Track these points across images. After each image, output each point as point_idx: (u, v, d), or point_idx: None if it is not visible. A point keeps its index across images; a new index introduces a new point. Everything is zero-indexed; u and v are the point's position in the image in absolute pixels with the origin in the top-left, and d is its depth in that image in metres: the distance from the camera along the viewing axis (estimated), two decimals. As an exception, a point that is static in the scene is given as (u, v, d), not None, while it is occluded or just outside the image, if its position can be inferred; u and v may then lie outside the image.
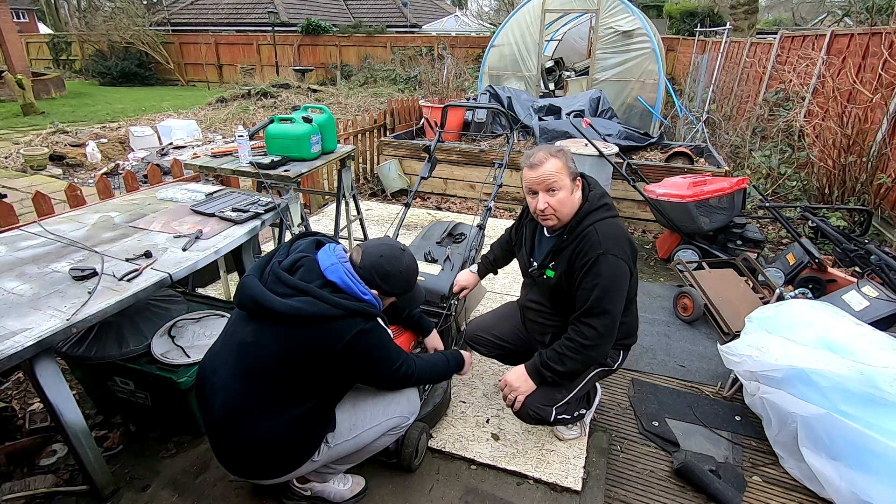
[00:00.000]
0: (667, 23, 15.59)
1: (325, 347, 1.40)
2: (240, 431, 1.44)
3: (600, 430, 2.19)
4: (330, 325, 1.40)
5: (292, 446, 1.48)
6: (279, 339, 1.41)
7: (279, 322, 1.40)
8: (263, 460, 1.47)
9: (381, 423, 1.65)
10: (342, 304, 1.41)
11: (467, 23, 23.20)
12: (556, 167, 1.70)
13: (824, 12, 16.92)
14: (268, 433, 1.43)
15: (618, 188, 4.38)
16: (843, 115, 4.31)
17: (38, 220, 2.28)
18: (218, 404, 1.46)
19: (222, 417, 1.45)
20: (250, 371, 1.44)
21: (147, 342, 2.01)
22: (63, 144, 7.31)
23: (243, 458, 1.48)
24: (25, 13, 27.68)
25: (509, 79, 7.60)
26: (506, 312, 2.26)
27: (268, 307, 1.39)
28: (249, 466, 1.50)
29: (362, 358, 1.46)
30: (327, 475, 1.74)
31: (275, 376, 1.43)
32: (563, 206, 1.73)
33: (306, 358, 1.41)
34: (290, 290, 1.42)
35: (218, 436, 1.48)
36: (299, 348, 1.41)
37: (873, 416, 1.69)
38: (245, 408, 1.44)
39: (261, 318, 1.43)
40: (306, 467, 1.56)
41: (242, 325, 1.49)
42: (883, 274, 2.78)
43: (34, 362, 1.48)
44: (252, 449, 1.45)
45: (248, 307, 1.45)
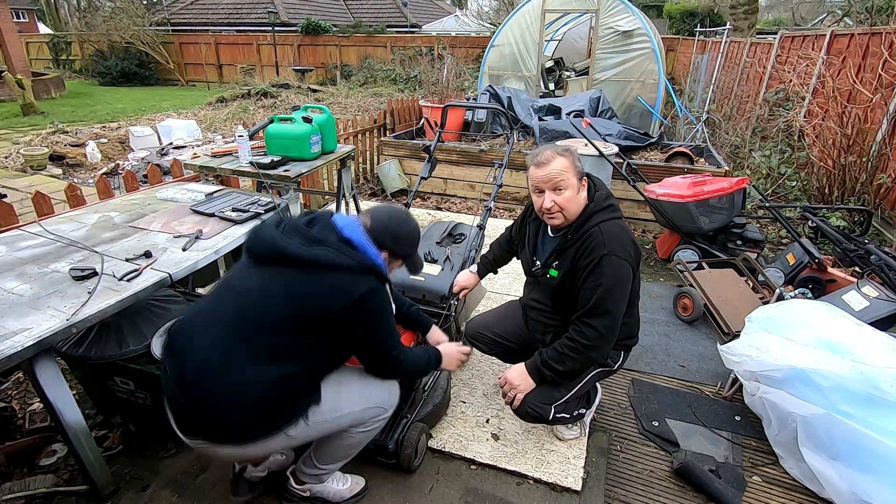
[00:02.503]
0: (667, 23, 15.59)
1: (335, 300, 1.37)
2: (219, 379, 1.34)
3: (600, 430, 2.19)
4: (344, 277, 1.38)
5: (272, 406, 1.39)
6: (288, 287, 1.37)
7: (292, 270, 1.37)
8: (238, 414, 1.36)
9: (362, 410, 1.58)
10: (359, 258, 1.41)
11: (467, 23, 23.20)
12: (563, 166, 1.71)
13: (824, 12, 16.92)
14: (251, 384, 1.35)
15: (618, 188, 4.38)
16: (843, 115, 4.31)
17: (38, 220, 2.28)
18: (202, 352, 1.37)
19: (203, 366, 1.35)
20: (247, 319, 1.38)
21: (147, 342, 2.00)
22: (63, 144, 7.31)
23: (214, 411, 1.34)
24: (25, 13, 27.69)
25: (509, 79, 7.60)
26: (507, 311, 2.26)
27: (284, 251, 1.36)
28: (219, 421, 1.36)
29: (366, 321, 1.42)
30: (321, 475, 1.71)
31: (273, 327, 1.37)
32: (569, 204, 1.74)
33: (312, 310, 1.37)
34: (308, 240, 1.40)
35: (190, 386, 1.35)
36: (308, 297, 1.37)
37: (873, 416, 1.69)
38: (234, 355, 1.35)
39: (272, 264, 1.40)
40: (279, 440, 1.44)
41: (247, 273, 1.45)
42: (883, 274, 2.78)
43: (34, 362, 1.48)
44: (229, 399, 1.34)
45: (260, 252, 1.42)
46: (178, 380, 1.37)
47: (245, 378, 1.35)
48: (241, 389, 1.35)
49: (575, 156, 1.76)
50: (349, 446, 1.65)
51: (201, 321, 1.44)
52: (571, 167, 1.72)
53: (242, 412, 1.36)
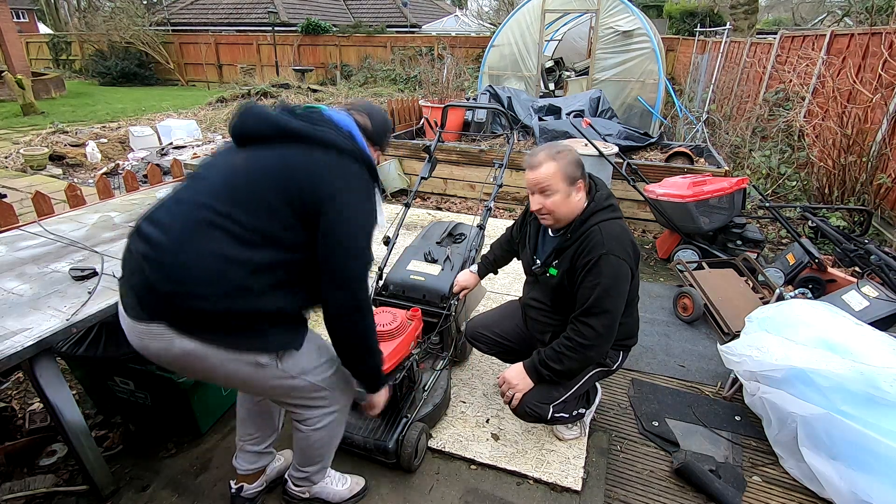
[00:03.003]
0: (667, 23, 15.59)
1: (330, 177, 1.31)
2: (193, 252, 1.22)
3: (600, 430, 2.19)
4: (344, 159, 1.35)
5: (246, 304, 1.26)
6: (285, 159, 1.31)
7: (290, 146, 1.32)
8: (209, 294, 1.22)
9: (316, 384, 1.49)
10: (359, 149, 1.39)
11: (467, 23, 23.21)
12: (551, 171, 1.71)
13: (824, 12, 16.92)
14: (226, 265, 1.23)
15: (618, 188, 4.38)
16: (843, 115, 4.31)
17: (38, 220, 2.28)
18: (177, 226, 1.25)
19: (178, 237, 1.23)
20: (234, 194, 1.27)
21: (147, 342, 2.01)
22: (63, 144, 7.31)
23: (184, 285, 1.21)
24: (25, 13, 27.70)
25: (509, 79, 7.60)
26: (507, 310, 2.26)
27: (287, 126, 1.31)
28: (188, 295, 1.21)
29: (348, 205, 1.32)
30: (308, 476, 1.69)
31: (259, 203, 1.27)
32: (557, 208, 1.75)
33: (304, 185, 1.28)
34: (310, 122, 1.35)
35: (161, 257, 1.22)
36: (304, 172, 1.30)
37: (873, 416, 1.69)
38: (211, 231, 1.23)
39: (266, 143, 1.33)
40: (245, 367, 1.31)
41: (233, 154, 1.37)
42: (883, 274, 2.78)
43: (34, 362, 1.48)
44: (202, 276, 1.21)
45: (257, 129, 1.34)
46: (147, 254, 1.24)
47: (222, 254, 1.23)
48: (216, 269, 1.22)
49: (569, 160, 1.73)
50: (310, 446, 1.61)
51: (179, 199, 1.32)
52: (559, 173, 1.71)
53: (214, 298, 1.22)
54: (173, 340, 1.24)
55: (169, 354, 1.28)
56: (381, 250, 3.73)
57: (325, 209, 1.29)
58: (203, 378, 1.46)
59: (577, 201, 1.78)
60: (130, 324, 1.28)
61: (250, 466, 1.74)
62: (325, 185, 1.30)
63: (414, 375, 2.03)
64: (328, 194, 1.29)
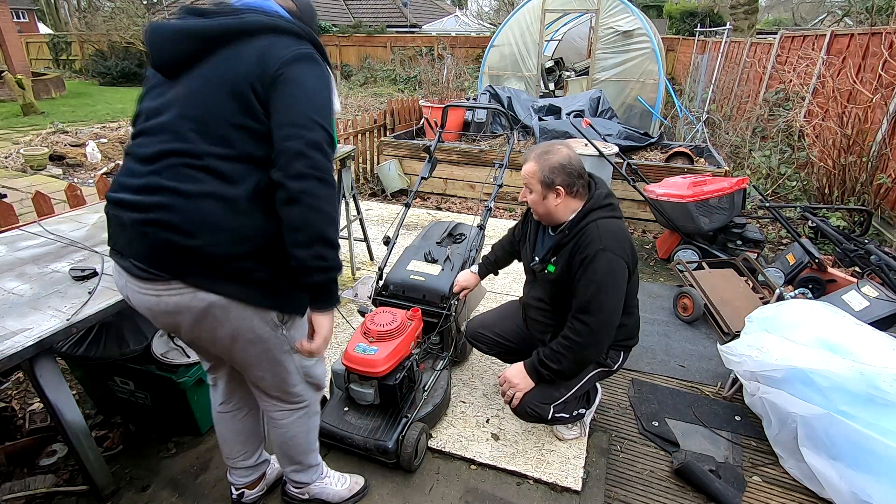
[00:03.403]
0: (667, 23, 15.59)
1: (271, 58, 1.15)
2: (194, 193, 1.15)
3: (600, 430, 2.19)
4: (278, 36, 1.18)
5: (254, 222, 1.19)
6: (218, 69, 1.17)
7: (215, 52, 1.17)
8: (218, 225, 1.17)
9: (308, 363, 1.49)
10: (298, 24, 1.22)
11: (467, 23, 23.22)
12: (528, 171, 1.79)
13: (824, 12, 16.93)
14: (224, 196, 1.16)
15: (618, 188, 4.38)
16: (843, 115, 4.31)
17: (38, 220, 2.28)
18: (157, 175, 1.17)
19: (170, 191, 1.16)
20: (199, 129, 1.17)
21: (147, 342, 2.01)
22: (63, 144, 7.31)
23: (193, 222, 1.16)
24: (25, 13, 27.68)
25: (509, 79, 7.60)
26: (507, 311, 2.26)
27: (198, 34, 1.16)
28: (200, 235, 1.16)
29: (299, 76, 1.16)
30: (298, 470, 1.68)
31: (225, 126, 1.16)
32: (535, 205, 1.82)
33: (254, 76, 1.14)
34: (233, 14, 1.19)
35: (163, 217, 1.16)
36: (246, 68, 1.15)
37: (873, 416, 1.69)
38: (201, 172, 1.16)
39: (193, 61, 1.18)
40: (254, 316, 1.26)
41: (169, 89, 1.21)
42: (883, 274, 2.78)
43: (34, 362, 1.48)
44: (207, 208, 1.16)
45: (172, 54, 1.19)
46: (145, 219, 1.17)
47: (215, 193, 1.16)
48: (216, 211, 1.16)
49: (550, 164, 1.73)
50: (285, 443, 1.59)
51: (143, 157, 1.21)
52: (537, 174, 1.75)
53: (224, 243, 1.17)
54: (192, 295, 1.19)
55: (184, 313, 1.22)
56: (381, 250, 3.74)
57: (274, 88, 1.15)
58: (207, 341, 1.33)
59: (556, 206, 1.78)
60: (140, 287, 1.22)
61: (246, 480, 1.73)
62: (269, 67, 1.15)
63: (414, 375, 2.03)
64: (274, 74, 1.15)
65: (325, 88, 1.22)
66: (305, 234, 1.17)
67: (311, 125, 1.15)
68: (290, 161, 1.14)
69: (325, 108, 1.20)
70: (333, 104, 1.25)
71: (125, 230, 1.23)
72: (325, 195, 1.17)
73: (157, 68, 1.24)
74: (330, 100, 1.23)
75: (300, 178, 1.14)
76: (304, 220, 1.16)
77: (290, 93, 1.16)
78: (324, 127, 1.17)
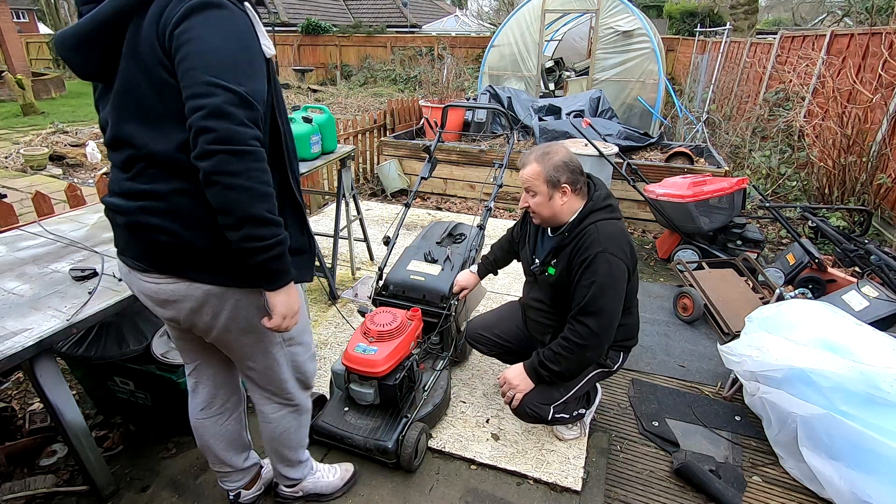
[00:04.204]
0: (667, 23, 15.59)
1: (164, 23, 1.02)
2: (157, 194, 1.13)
3: (600, 430, 2.19)
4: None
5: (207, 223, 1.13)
6: (130, 61, 1.07)
7: (119, 41, 1.07)
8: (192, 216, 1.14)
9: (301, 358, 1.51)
10: None
11: (467, 23, 23.22)
12: (533, 173, 1.76)
13: (824, 12, 16.93)
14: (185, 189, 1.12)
15: (618, 188, 4.38)
16: (843, 115, 4.31)
17: (38, 220, 2.28)
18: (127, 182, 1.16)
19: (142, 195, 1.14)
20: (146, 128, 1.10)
21: (147, 342, 2.01)
22: (63, 144, 7.31)
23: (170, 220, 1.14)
24: (25, 13, 27.68)
25: (509, 79, 7.60)
26: (507, 311, 2.26)
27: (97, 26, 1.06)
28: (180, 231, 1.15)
29: (191, 42, 1.00)
30: (287, 468, 1.68)
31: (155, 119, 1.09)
32: (539, 209, 1.80)
33: (157, 55, 1.04)
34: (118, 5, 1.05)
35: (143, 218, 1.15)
36: (144, 39, 1.04)
37: (873, 416, 1.69)
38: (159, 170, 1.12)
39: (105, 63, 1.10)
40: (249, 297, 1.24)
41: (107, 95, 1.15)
42: (883, 274, 2.78)
43: (34, 362, 1.48)
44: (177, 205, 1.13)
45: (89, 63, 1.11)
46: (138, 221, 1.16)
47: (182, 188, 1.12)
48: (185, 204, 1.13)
49: (553, 163, 1.74)
50: (275, 439, 1.59)
51: (114, 165, 1.21)
52: (542, 174, 1.74)
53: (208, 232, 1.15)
54: (188, 284, 1.20)
55: (182, 301, 1.22)
56: (381, 250, 3.74)
57: (174, 57, 1.02)
58: (203, 329, 1.31)
59: (562, 205, 1.78)
60: (140, 276, 1.24)
61: (239, 484, 1.72)
62: (164, 35, 1.02)
63: (414, 375, 2.03)
64: (169, 42, 1.02)
65: (229, 40, 1.03)
66: (231, 216, 1.05)
67: (207, 90, 0.99)
68: (195, 138, 1.00)
69: (228, 63, 1.02)
70: (251, 52, 1.08)
71: (120, 231, 1.25)
72: (242, 169, 1.02)
73: (84, 79, 1.16)
74: (239, 51, 1.05)
75: (207, 156, 1.00)
76: (223, 201, 1.04)
77: (184, 58, 1.01)
78: (227, 87, 1.00)
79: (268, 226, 1.08)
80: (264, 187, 1.07)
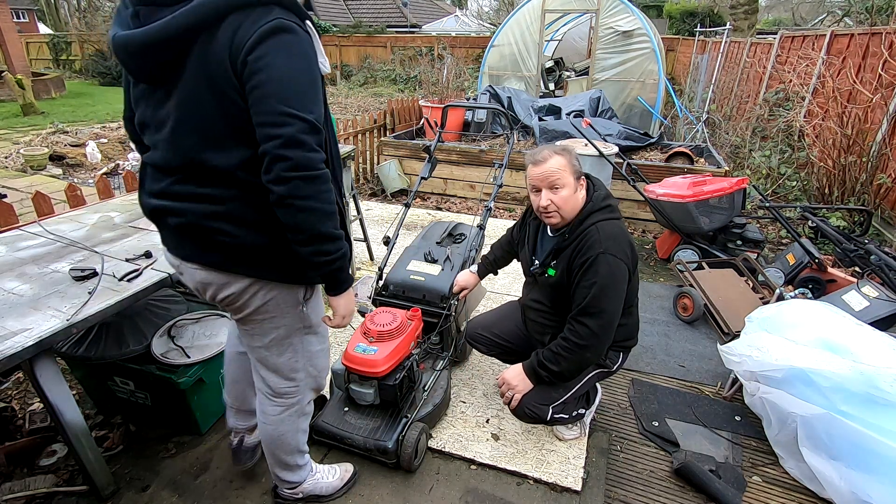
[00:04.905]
0: (667, 23, 15.59)
1: (238, 46, 1.07)
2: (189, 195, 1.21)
3: (600, 430, 2.19)
4: (243, 12, 1.08)
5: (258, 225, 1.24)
6: (197, 72, 1.11)
7: (187, 54, 1.11)
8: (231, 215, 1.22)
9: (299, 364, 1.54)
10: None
11: (467, 23, 23.22)
12: (560, 164, 1.72)
13: (824, 12, 16.92)
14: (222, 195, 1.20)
15: (618, 188, 4.38)
16: (843, 115, 4.31)
17: (38, 220, 2.28)
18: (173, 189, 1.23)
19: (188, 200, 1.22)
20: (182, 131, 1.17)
21: (147, 342, 2.01)
22: (63, 144, 7.31)
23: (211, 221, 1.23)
24: (25, 13, 27.66)
25: (509, 79, 7.60)
26: (506, 311, 2.26)
27: (170, 33, 1.08)
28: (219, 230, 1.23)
29: (266, 69, 1.07)
30: (286, 472, 1.69)
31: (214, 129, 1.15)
32: (566, 203, 1.74)
33: (228, 74, 1.09)
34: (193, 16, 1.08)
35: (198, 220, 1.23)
36: (214, 58, 1.09)
37: (873, 416, 1.69)
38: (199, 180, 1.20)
39: (174, 65, 1.13)
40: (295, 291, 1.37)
41: (162, 95, 1.18)
42: (883, 274, 2.78)
43: (34, 362, 1.48)
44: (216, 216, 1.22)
45: (148, 64, 1.15)
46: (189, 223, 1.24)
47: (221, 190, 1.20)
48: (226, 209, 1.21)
49: (573, 155, 1.77)
50: (273, 440, 1.60)
51: (153, 165, 1.27)
52: (568, 166, 1.73)
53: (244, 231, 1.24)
54: (228, 276, 1.30)
55: (220, 286, 1.32)
56: (381, 250, 3.74)
57: (247, 80, 1.09)
58: (234, 310, 1.41)
59: (581, 198, 1.79)
60: (187, 265, 1.33)
61: (247, 424, 1.78)
62: (238, 55, 1.08)
63: (414, 375, 2.03)
64: (242, 64, 1.08)
65: (299, 67, 1.11)
66: (303, 234, 1.17)
67: (283, 121, 1.08)
68: (270, 165, 1.11)
69: (299, 92, 1.11)
70: (315, 76, 1.15)
71: (161, 228, 1.34)
72: (313, 192, 1.13)
73: (139, 82, 1.22)
74: (307, 78, 1.13)
75: (282, 182, 1.11)
76: (295, 221, 1.15)
77: (259, 85, 1.08)
78: (299, 117, 1.09)
79: (333, 241, 1.21)
80: (331, 206, 1.19)
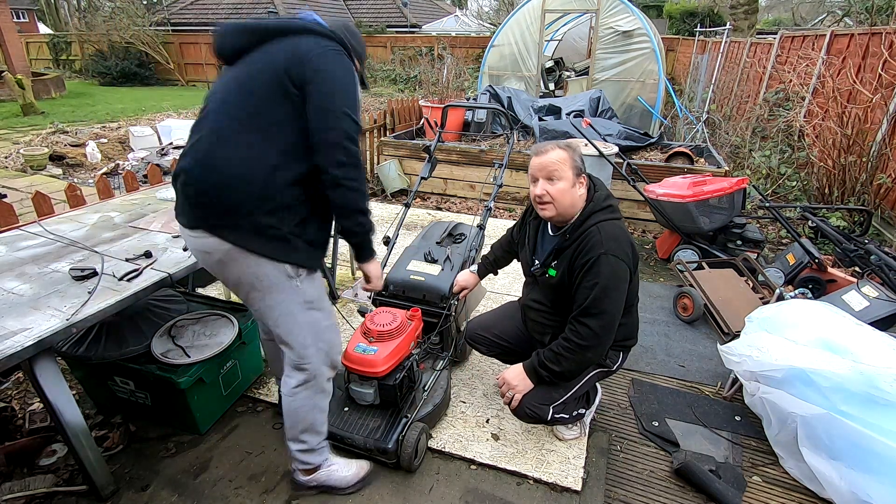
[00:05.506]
0: (667, 23, 15.59)
1: (309, 52, 1.40)
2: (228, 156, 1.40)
3: (600, 430, 2.19)
4: (320, 39, 1.44)
5: (271, 196, 1.42)
6: (268, 54, 1.43)
7: (269, 44, 1.44)
8: (239, 188, 1.40)
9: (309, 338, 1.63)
10: (325, 26, 1.49)
11: (467, 23, 23.20)
12: (560, 157, 1.73)
13: (824, 12, 16.92)
14: (245, 159, 1.39)
15: (618, 188, 4.38)
16: (843, 115, 4.31)
17: (38, 220, 2.28)
18: (205, 140, 1.43)
19: (210, 147, 1.41)
20: (238, 101, 1.43)
21: (147, 342, 2.01)
22: (63, 144, 7.31)
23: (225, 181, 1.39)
24: (25, 13, 27.67)
25: (509, 79, 7.60)
26: (506, 311, 2.26)
27: (254, 27, 1.44)
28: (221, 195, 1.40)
29: (329, 77, 1.41)
30: (303, 450, 1.72)
31: (256, 98, 1.41)
32: (561, 196, 1.74)
33: (292, 63, 1.39)
34: (280, 19, 1.48)
35: (199, 173, 1.41)
36: (283, 56, 1.41)
37: (873, 416, 1.69)
38: (228, 133, 1.41)
39: (247, 50, 1.46)
40: (271, 267, 1.47)
41: (227, 72, 1.49)
42: (883, 274, 2.78)
43: (34, 362, 1.48)
44: (231, 171, 1.39)
45: (231, 42, 1.47)
46: (190, 174, 1.42)
47: (239, 153, 1.39)
48: (239, 162, 1.39)
49: (576, 152, 1.77)
50: (294, 413, 1.67)
51: (200, 127, 1.47)
52: (569, 160, 1.73)
53: (242, 191, 1.39)
54: (217, 240, 1.43)
55: (213, 253, 1.46)
56: (381, 250, 3.73)
57: (310, 78, 1.39)
58: (233, 284, 1.57)
59: (579, 196, 1.78)
60: (187, 232, 1.49)
61: None
62: (308, 60, 1.39)
63: (414, 375, 2.03)
64: (312, 68, 1.39)
65: (353, 82, 1.46)
66: (348, 210, 1.48)
67: (345, 118, 1.40)
68: (330, 151, 1.40)
69: (355, 100, 1.45)
70: (356, 90, 1.50)
71: (177, 192, 1.49)
72: (360, 177, 1.46)
73: (217, 55, 1.51)
74: (354, 89, 1.47)
75: (341, 166, 1.40)
76: (345, 199, 1.45)
77: (325, 83, 1.40)
78: (351, 117, 1.41)
79: (366, 215, 1.52)
80: (366, 188, 1.51)
